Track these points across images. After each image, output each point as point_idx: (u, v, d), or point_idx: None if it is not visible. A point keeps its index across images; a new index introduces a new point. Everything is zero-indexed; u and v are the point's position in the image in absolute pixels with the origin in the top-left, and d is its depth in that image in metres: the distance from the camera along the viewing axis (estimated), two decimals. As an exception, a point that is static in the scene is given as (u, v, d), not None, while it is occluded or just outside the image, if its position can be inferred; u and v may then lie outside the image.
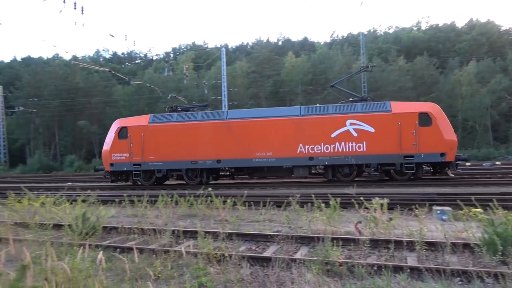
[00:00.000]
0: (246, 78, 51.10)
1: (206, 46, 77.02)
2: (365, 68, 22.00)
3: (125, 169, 18.77)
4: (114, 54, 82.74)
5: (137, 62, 72.92)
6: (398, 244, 6.36)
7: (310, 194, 10.16)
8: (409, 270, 5.06)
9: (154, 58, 69.02)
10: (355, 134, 16.53)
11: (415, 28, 67.75)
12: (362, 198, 8.02)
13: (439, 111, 16.45)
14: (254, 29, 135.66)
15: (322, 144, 16.78)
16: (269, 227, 8.42)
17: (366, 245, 6.17)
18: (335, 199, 8.20)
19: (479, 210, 8.02)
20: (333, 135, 16.68)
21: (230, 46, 76.72)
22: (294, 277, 5.08)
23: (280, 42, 70.49)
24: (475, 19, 60.84)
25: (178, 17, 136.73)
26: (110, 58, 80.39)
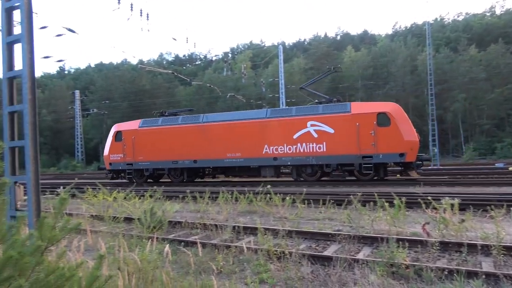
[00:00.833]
0: (303, 74, 50.64)
1: (263, 44, 77.61)
2: (333, 69, 21.80)
3: (120, 168, 21.05)
4: (176, 56, 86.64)
5: (197, 63, 75.57)
6: (472, 247, 5.90)
7: (372, 192, 9.80)
8: (484, 276, 4.67)
9: (213, 58, 71.06)
10: (316, 135, 16.94)
11: (488, 13, 62.27)
12: (430, 198, 7.56)
13: (399, 111, 16.21)
14: (311, 25, 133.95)
15: (285, 145, 17.40)
16: (329, 226, 8.27)
17: (435, 247, 5.80)
18: (400, 198, 7.82)
19: None
20: (295, 136, 17.23)
21: (287, 43, 76.60)
22: (357, 277, 4.94)
23: (338, 37, 68.84)
24: (561, 0, 54.38)
25: (236, 17, 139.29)
26: (172, 61, 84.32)
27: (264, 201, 10.42)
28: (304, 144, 17.09)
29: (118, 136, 21.36)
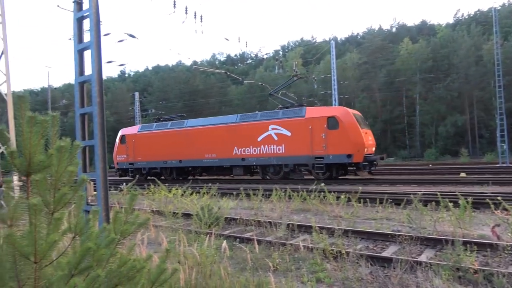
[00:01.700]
0: (357, 69, 49.19)
1: (314, 40, 76.50)
2: (296, 76, 23.16)
3: (124, 167, 24.33)
4: (228, 56, 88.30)
5: (248, 62, 76.41)
6: (551, 253, 5.36)
7: (434, 192, 9.27)
8: None
9: (264, 57, 71.35)
10: (276, 138, 18.44)
11: None
12: (499, 198, 7.00)
13: (348, 115, 17.04)
14: (364, 18, 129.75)
15: (251, 146, 19.13)
16: (387, 226, 7.97)
17: (506, 251, 5.36)
18: (466, 199, 7.32)
19: None
20: (259, 139, 18.89)
21: (339, 38, 74.84)
22: (419, 281, 4.70)
23: (394, 29, 65.86)
24: None
25: (286, 14, 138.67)
26: (224, 61, 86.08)
27: (318, 199, 10.29)
28: (266, 146, 18.75)
29: (122, 139, 24.58)
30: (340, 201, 9.74)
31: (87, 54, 4.58)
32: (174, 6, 15.14)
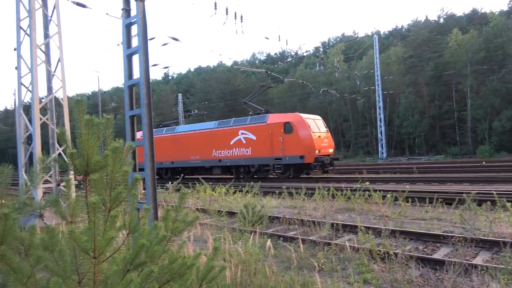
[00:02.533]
0: (402, 64, 47.33)
1: (356, 35, 74.65)
2: (265, 86, 26.02)
3: None
4: (268, 55, 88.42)
5: (288, 60, 76.00)
6: None
7: (489, 191, 8.72)
8: None
9: (305, 54, 70.61)
10: (244, 142, 20.70)
11: None
12: None
13: (301, 120, 18.86)
14: (409, 9, 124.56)
15: (225, 149, 21.63)
16: (437, 227, 7.60)
17: None
18: (526, 198, 6.81)
19: None
20: (231, 143, 21.33)
21: (382, 32, 72.39)
22: (475, 285, 4.44)
23: (441, 20, 62.60)
24: None
25: (327, 10, 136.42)
26: (264, 60, 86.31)
27: (362, 198, 10.04)
28: (237, 148, 21.09)
29: None
30: (386, 200, 9.44)
31: (135, 59, 4.78)
32: (215, 8, 15.41)
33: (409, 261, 5.19)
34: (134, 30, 4.87)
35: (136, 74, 4.72)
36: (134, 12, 4.60)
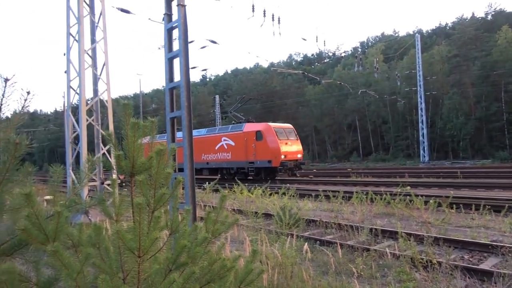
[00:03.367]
0: (446, 63, 45.31)
1: (396, 35, 72.39)
2: (247, 97, 30.12)
3: None
4: (305, 56, 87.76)
5: (326, 61, 75.02)
6: None
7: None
8: None
9: (342, 55, 69.45)
10: (226, 147, 23.26)
11: None
12: None
13: (270, 129, 21.24)
14: (453, 7, 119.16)
15: (212, 153, 24.33)
16: (484, 235, 7.19)
17: None
18: None
19: None
20: (216, 148, 23.97)
21: (425, 31, 69.72)
22: (528, 300, 4.15)
23: (489, 16, 59.34)
24: None
25: (366, 10, 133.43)
26: (301, 61, 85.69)
27: (403, 203, 9.71)
28: (220, 153, 23.70)
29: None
30: (428, 206, 9.07)
31: (175, 62, 4.90)
32: (253, 10, 15.52)
33: (454, 271, 4.95)
34: (175, 34, 5.01)
35: (176, 77, 4.83)
36: (175, 16, 4.72)
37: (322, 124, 53.06)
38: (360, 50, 70.86)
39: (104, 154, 10.14)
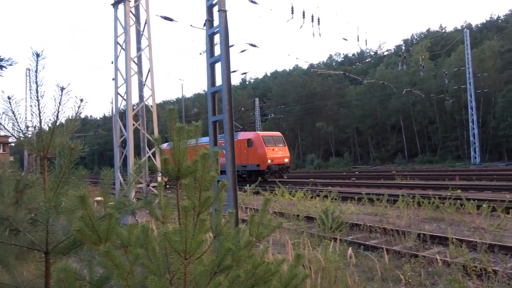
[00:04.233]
0: (498, 59, 42.57)
1: (443, 30, 69.12)
2: (244, 110, 31.96)
3: None
4: (345, 56, 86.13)
5: (367, 60, 73.10)
6: None
7: None
8: None
9: (385, 53, 67.36)
10: (225, 153, 22.24)
11: None
12: None
13: (258, 137, 24.23)
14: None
15: None
16: (547, 243, 6.65)
17: None
18: None
19: None
20: None
21: (474, 25, 65.97)
22: None
23: (548, 7, 54.97)
24: None
25: (409, 5, 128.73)
26: (341, 61, 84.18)
27: (453, 207, 9.22)
28: (220, 158, 25.08)
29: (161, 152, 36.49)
30: (481, 210, 8.56)
31: (217, 66, 4.98)
32: (292, 12, 15.46)
33: (511, 280, 4.62)
34: (216, 38, 5.09)
35: (218, 81, 4.91)
36: (216, 22, 4.81)
37: (364, 125, 51.72)
38: (403, 48, 68.42)
39: (149, 157, 10.51)
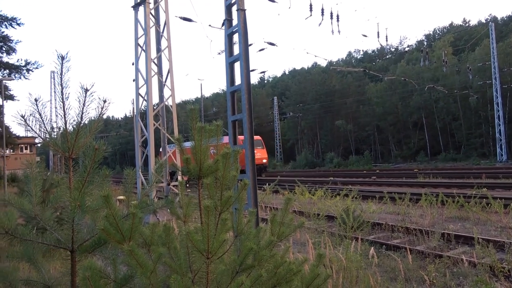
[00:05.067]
0: (525, 53, 41.02)
1: (467, 24, 67.16)
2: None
3: (170, 170, 33.74)
4: (365, 53, 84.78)
5: (387, 57, 71.76)
6: None
7: None
8: None
9: (406, 49, 65.98)
10: (213, 155, 23.74)
11: None
12: None
13: (239, 141, 21.55)
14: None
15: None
16: None
17: None
18: None
19: None
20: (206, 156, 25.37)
21: (499, 18, 63.83)
22: None
23: None
24: None
25: (431, 0, 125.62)
26: (361, 58, 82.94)
27: (479, 206, 8.96)
28: (209, 160, 27.47)
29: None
30: (509, 209, 8.28)
31: (236, 66, 4.98)
32: (311, 10, 15.34)
33: (543, 283, 4.45)
34: (235, 38, 5.10)
35: (237, 80, 4.92)
36: (235, 21, 4.81)
37: (385, 123, 50.79)
38: (425, 43, 66.84)
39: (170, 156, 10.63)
